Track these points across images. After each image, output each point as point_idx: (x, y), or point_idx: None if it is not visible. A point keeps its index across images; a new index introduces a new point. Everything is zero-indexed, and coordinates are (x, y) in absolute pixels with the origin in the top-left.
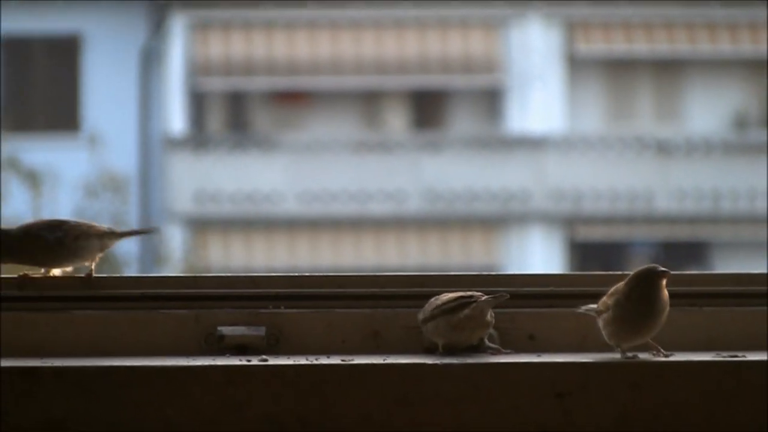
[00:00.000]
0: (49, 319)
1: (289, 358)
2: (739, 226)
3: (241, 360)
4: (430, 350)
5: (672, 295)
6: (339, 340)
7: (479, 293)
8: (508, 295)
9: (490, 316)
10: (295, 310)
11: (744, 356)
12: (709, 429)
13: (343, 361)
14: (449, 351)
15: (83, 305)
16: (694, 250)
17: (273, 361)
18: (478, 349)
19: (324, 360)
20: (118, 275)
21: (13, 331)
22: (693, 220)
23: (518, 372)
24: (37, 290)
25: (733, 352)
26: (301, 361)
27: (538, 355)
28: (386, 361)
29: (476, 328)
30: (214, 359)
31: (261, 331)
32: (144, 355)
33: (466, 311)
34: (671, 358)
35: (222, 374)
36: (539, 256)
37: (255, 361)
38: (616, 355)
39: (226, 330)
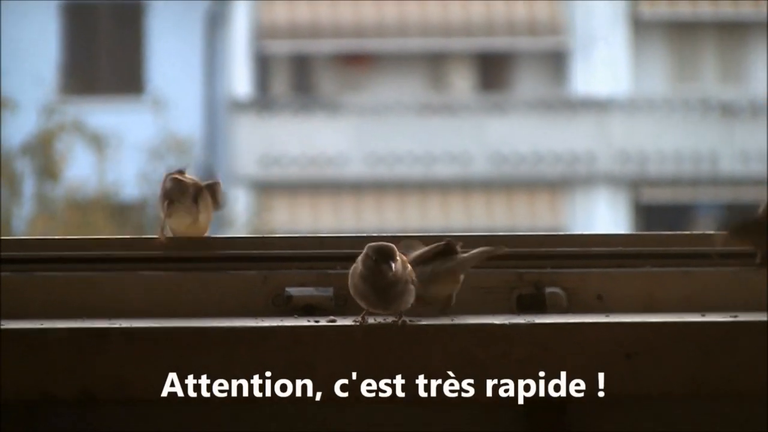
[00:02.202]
0: (118, 280)
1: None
2: None
3: (309, 320)
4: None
5: (738, 256)
6: None
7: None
8: (506, 249)
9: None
10: None
11: None
12: None
13: (410, 321)
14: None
15: (152, 266)
16: None
17: (341, 321)
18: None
19: (391, 320)
20: (186, 236)
21: (84, 291)
22: (758, 182)
23: (587, 332)
24: (107, 251)
25: None
26: (369, 321)
27: (607, 315)
28: (454, 322)
29: (449, 283)
30: (282, 320)
31: (329, 291)
32: (212, 316)
33: (449, 263)
34: (739, 318)
35: (290, 335)
36: (604, 218)
37: (323, 322)
38: (686, 315)
39: (294, 291)
